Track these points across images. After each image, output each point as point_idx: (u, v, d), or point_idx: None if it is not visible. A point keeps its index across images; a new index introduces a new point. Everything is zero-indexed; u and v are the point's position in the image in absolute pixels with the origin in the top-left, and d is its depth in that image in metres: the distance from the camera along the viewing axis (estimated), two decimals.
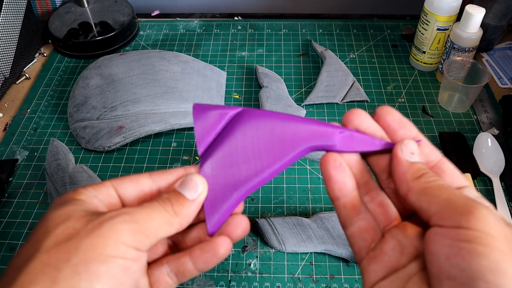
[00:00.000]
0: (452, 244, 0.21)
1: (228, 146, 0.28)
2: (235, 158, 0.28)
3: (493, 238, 0.20)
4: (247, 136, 0.28)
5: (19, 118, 0.68)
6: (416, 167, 0.25)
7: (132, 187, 0.27)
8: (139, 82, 0.65)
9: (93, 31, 0.78)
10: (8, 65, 0.72)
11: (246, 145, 0.28)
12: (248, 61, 0.77)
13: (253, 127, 0.28)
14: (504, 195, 0.55)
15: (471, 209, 0.21)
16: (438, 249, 0.22)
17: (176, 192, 0.26)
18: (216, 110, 0.29)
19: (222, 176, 0.28)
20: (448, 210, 0.22)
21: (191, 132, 0.65)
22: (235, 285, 0.48)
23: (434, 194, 0.23)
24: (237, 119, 0.29)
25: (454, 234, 0.21)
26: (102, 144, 0.60)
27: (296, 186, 0.58)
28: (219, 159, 0.28)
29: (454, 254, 0.21)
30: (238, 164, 0.28)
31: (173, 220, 0.26)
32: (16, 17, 0.73)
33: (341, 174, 0.27)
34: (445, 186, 0.24)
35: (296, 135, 0.28)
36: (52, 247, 0.23)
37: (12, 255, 0.52)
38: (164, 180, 0.28)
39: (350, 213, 0.27)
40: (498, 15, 0.71)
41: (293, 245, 0.50)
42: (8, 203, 0.57)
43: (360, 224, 0.27)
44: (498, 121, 0.65)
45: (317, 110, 0.67)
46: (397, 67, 0.75)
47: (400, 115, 0.28)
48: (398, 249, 0.25)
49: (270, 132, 0.28)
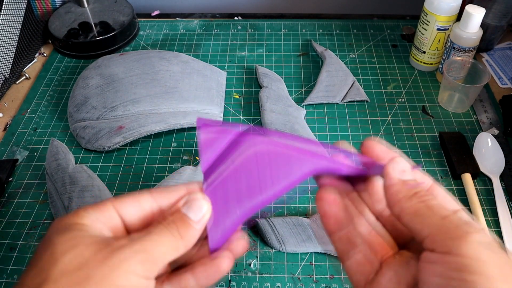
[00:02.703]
0: (443, 273, 0.21)
1: (233, 165, 0.28)
2: (239, 177, 0.28)
3: (484, 264, 0.20)
4: (252, 157, 0.28)
5: (19, 118, 0.68)
6: (408, 186, 0.25)
7: (133, 208, 0.27)
8: (139, 82, 0.65)
9: (93, 31, 0.78)
10: (8, 65, 0.72)
11: (251, 166, 0.28)
12: (248, 61, 0.77)
13: (258, 150, 0.29)
14: (504, 195, 0.55)
15: (462, 234, 0.21)
16: (430, 279, 0.22)
17: (180, 214, 0.26)
18: (220, 128, 0.30)
19: (225, 194, 0.28)
20: (440, 235, 0.22)
21: (191, 132, 0.65)
22: (235, 285, 0.48)
23: (426, 215, 0.23)
24: (243, 140, 0.29)
25: (445, 261, 0.21)
26: (102, 144, 0.60)
27: (296, 186, 0.57)
28: (223, 177, 0.28)
29: (445, 285, 0.21)
30: (241, 183, 0.28)
31: (180, 244, 0.25)
32: (16, 17, 0.73)
33: (336, 209, 0.28)
34: (438, 206, 0.24)
35: (299, 161, 0.28)
36: (61, 276, 0.22)
37: (12, 255, 0.52)
38: (166, 199, 0.28)
39: (346, 247, 0.27)
40: (498, 15, 0.71)
41: (293, 245, 0.50)
42: (8, 203, 0.57)
43: (357, 258, 0.27)
44: (498, 121, 0.65)
45: (317, 110, 0.67)
46: (397, 67, 0.75)
47: (387, 146, 0.28)
48: (395, 280, 0.25)
49: (275, 156, 0.29)
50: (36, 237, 0.53)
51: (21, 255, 0.52)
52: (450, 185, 0.57)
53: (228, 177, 0.28)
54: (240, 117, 0.67)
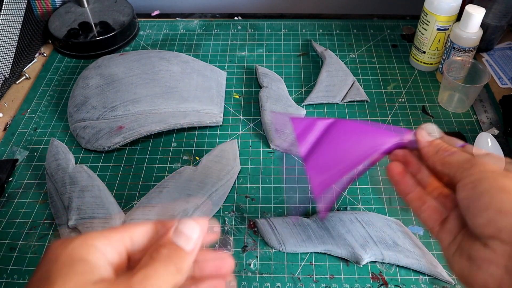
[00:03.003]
0: (466, 191, 0.30)
1: (329, 141, 0.39)
2: (335, 148, 0.38)
3: (490, 170, 0.29)
4: (344, 132, 0.39)
5: (19, 118, 0.68)
6: (433, 144, 0.34)
7: (140, 235, 0.27)
8: (139, 82, 0.65)
9: (93, 31, 0.78)
10: (8, 65, 0.72)
11: (344, 139, 0.39)
12: (248, 61, 0.77)
13: (347, 132, 0.39)
14: None
15: (472, 161, 0.31)
16: (460, 198, 0.30)
17: (173, 246, 0.26)
18: (309, 120, 0.40)
19: (325, 161, 0.38)
20: (460, 170, 0.31)
21: (191, 132, 0.65)
22: (235, 285, 0.48)
23: (450, 161, 0.32)
24: (334, 124, 0.40)
25: (465, 182, 0.30)
26: (102, 144, 0.60)
27: (296, 186, 0.58)
28: (322, 150, 0.39)
29: (468, 196, 0.29)
30: (337, 152, 0.38)
31: (178, 277, 0.25)
32: (16, 17, 0.73)
33: (404, 177, 0.36)
34: (457, 152, 0.32)
35: (381, 137, 0.38)
36: None
37: (12, 255, 0.52)
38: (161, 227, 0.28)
39: (418, 203, 0.35)
40: (498, 15, 0.71)
41: (293, 245, 0.50)
42: (8, 203, 0.57)
43: (427, 211, 0.34)
44: (498, 121, 0.65)
45: (317, 110, 0.68)
46: (397, 67, 0.75)
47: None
48: (456, 218, 0.32)
49: (363, 133, 0.39)
50: (36, 237, 0.53)
51: (21, 255, 0.52)
52: None
53: (326, 149, 0.38)
54: (240, 117, 0.67)
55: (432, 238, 0.52)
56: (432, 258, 0.49)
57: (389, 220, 0.52)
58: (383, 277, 0.49)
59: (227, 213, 0.55)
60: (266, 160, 0.61)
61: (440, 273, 0.48)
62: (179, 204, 0.52)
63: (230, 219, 0.54)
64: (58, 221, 0.54)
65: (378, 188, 0.57)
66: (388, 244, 0.50)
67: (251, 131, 0.65)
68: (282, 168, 0.60)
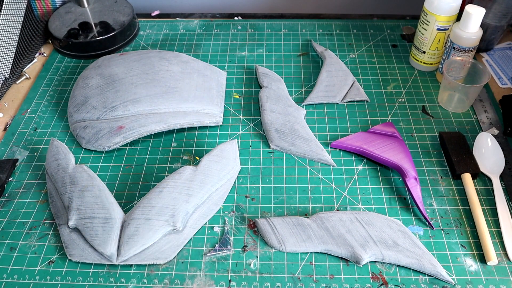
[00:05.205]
0: None
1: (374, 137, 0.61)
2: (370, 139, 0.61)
3: None
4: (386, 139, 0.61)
5: (19, 118, 0.68)
6: None
7: None
8: (139, 82, 0.65)
9: (93, 31, 0.78)
10: (8, 65, 0.72)
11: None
12: (248, 61, 0.77)
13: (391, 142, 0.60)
14: (504, 195, 0.55)
15: None
16: None
17: None
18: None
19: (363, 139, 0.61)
20: None
21: (191, 132, 0.65)
22: (235, 285, 0.48)
23: None
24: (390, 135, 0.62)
25: None
26: (102, 144, 0.60)
27: (296, 186, 0.58)
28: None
29: None
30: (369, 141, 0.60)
31: None
32: (16, 17, 0.73)
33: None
34: None
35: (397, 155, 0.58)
36: None
37: (12, 255, 0.52)
38: None
39: None
40: (498, 15, 0.71)
41: (293, 245, 0.50)
42: (8, 203, 0.57)
43: None
44: (498, 121, 0.65)
45: (317, 110, 0.68)
46: (397, 67, 0.75)
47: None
48: None
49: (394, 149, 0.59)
50: (36, 237, 0.53)
51: (21, 255, 0.52)
52: (450, 185, 0.57)
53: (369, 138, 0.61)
54: (240, 117, 0.67)
55: (432, 238, 0.52)
56: (432, 258, 0.49)
57: (389, 220, 0.52)
58: (383, 277, 0.49)
59: (227, 213, 0.55)
60: (266, 160, 0.61)
61: (440, 273, 0.48)
62: (179, 204, 0.52)
63: (230, 219, 0.54)
64: (58, 221, 0.54)
65: (378, 188, 0.57)
66: (388, 244, 0.50)
67: (251, 131, 0.65)
68: (282, 168, 0.60)
